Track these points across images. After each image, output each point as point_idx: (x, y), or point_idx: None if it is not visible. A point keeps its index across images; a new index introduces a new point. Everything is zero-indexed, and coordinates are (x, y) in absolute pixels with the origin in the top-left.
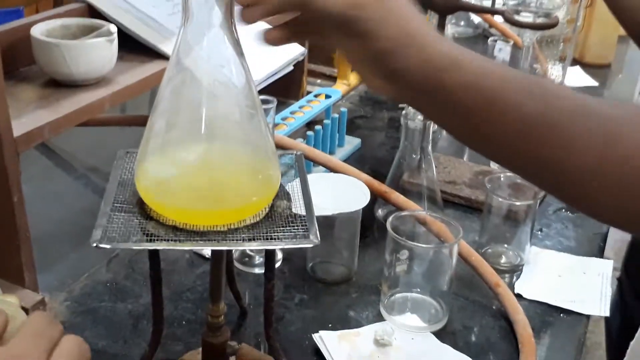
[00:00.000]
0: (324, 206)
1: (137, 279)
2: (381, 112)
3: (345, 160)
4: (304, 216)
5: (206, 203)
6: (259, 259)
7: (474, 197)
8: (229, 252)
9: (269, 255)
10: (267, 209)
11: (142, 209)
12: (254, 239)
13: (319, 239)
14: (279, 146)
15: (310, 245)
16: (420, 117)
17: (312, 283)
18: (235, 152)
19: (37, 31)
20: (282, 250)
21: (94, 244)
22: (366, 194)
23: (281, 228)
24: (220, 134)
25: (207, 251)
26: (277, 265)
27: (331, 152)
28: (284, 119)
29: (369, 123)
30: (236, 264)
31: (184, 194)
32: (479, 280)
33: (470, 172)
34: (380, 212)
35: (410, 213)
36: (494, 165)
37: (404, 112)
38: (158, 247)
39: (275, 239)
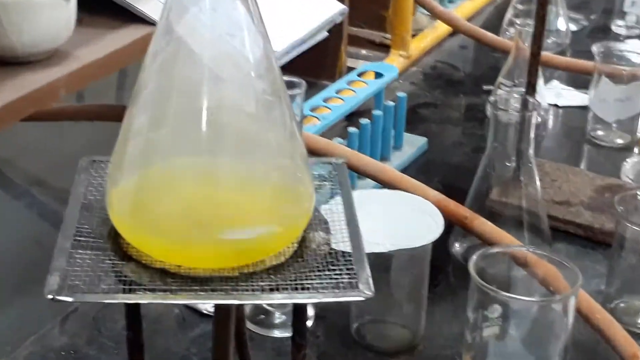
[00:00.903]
0: (375, 239)
1: (106, 344)
2: (457, 97)
3: (405, 170)
4: (349, 254)
5: (208, 237)
6: (281, 317)
7: (598, 226)
8: (240, 307)
9: (299, 312)
10: (296, 245)
11: (117, 245)
12: (276, 289)
13: (373, 289)
14: (310, 150)
15: (361, 299)
16: (516, 104)
17: (359, 352)
18: (250, 162)
19: None
20: (315, 305)
21: (50, 296)
22: (437, 220)
23: (316, 272)
24: (229, 134)
25: (207, 306)
26: (308, 325)
27: (384, 158)
28: (314, 109)
29: (440, 114)
30: (249, 323)
31: (177, 223)
32: (607, 350)
33: (591, 188)
34: (457, 248)
35: (502, 249)
36: (626, 177)
37: (491, 97)
38: (140, 301)
39: (307, 288)
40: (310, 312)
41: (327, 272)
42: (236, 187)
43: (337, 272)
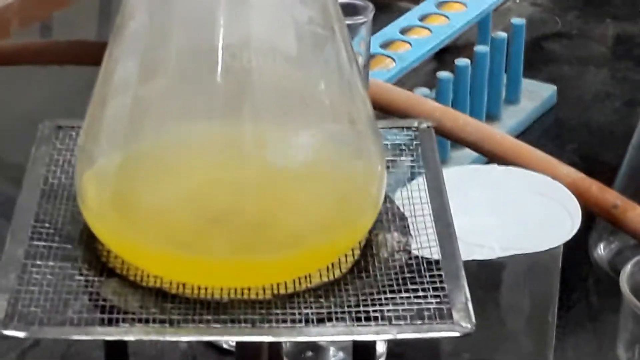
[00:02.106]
0: (479, 241)
1: None
2: (601, 23)
3: (524, 135)
4: (437, 266)
5: (228, 242)
6: (337, 355)
7: None
8: (275, 345)
9: (362, 352)
10: (358, 252)
11: (92, 253)
12: (328, 319)
13: (474, 319)
14: (380, 107)
15: (456, 335)
16: None
17: None
18: (289, 129)
19: None
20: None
21: None
22: (572, 211)
23: (388, 294)
24: (258, 87)
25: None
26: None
27: (492, 118)
28: (387, 45)
29: (576, 49)
30: None
31: (182, 222)
32: None
33: None
34: (602, 252)
35: None
36: None
37: None
38: (126, 337)
39: (375, 318)
40: (380, 348)
41: (404, 294)
42: (269, 168)
43: (420, 293)
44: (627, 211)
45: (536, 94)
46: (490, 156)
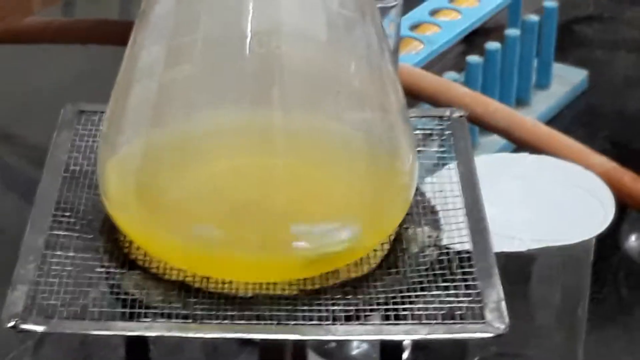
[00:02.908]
0: (509, 232)
1: None
2: (635, 5)
3: (554, 121)
4: (469, 262)
5: (254, 235)
6: (360, 347)
7: None
8: (300, 341)
9: (390, 350)
10: (387, 247)
11: (114, 244)
12: (356, 317)
13: (507, 320)
14: (409, 92)
15: (489, 335)
16: None
17: None
18: (318, 117)
19: None
20: None
21: (11, 324)
22: (605, 202)
23: (419, 291)
24: (288, 74)
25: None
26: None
27: (522, 103)
28: (417, 27)
29: (609, 33)
30: (314, 356)
31: (207, 213)
32: None
33: None
34: (635, 244)
35: None
36: None
37: None
38: (147, 333)
39: (404, 317)
40: (407, 341)
41: (435, 291)
42: (297, 158)
43: (452, 290)
44: None
45: (567, 79)
46: (521, 144)
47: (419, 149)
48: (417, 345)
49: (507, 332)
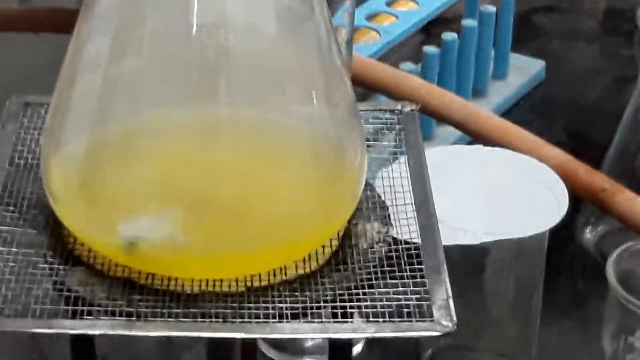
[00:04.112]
0: (463, 225)
1: None
2: None
3: (511, 112)
4: (418, 259)
5: (199, 231)
6: (315, 339)
7: None
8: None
9: (338, 349)
10: (336, 243)
11: (58, 240)
12: (303, 315)
13: (455, 318)
14: (364, 84)
15: (436, 334)
16: None
17: None
18: (265, 112)
19: None
20: None
21: None
22: (559, 194)
23: (366, 288)
24: (235, 68)
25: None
26: (356, 352)
27: (479, 94)
28: (373, 17)
29: (565, 24)
30: (267, 348)
31: (152, 210)
32: None
33: None
34: (589, 236)
35: None
36: None
37: None
38: (90, 331)
39: (351, 315)
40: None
41: (383, 289)
42: (243, 154)
43: (400, 288)
44: (615, 195)
45: (524, 70)
46: (476, 136)
47: (369, 143)
48: (370, 339)
49: (460, 324)
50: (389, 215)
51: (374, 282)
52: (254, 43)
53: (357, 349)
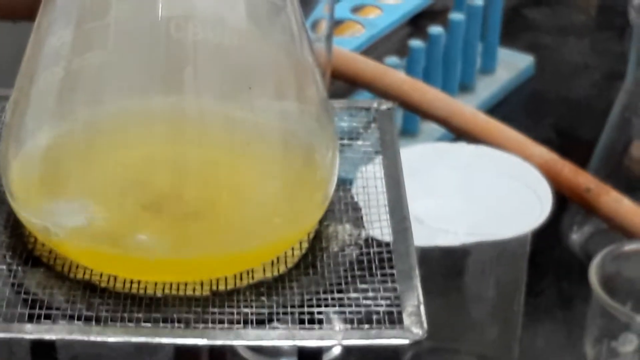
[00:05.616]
0: (443, 225)
1: None
2: None
3: (498, 109)
4: (389, 262)
5: (164, 233)
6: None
7: None
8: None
9: (307, 354)
10: (306, 245)
11: (18, 240)
12: (269, 320)
13: (425, 325)
14: (345, 78)
15: (405, 342)
16: None
17: None
18: (234, 109)
19: None
20: None
21: None
22: (543, 194)
23: (336, 293)
24: (204, 62)
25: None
26: (335, 354)
27: (466, 89)
28: (357, 9)
29: (555, 18)
30: (241, 350)
31: (115, 210)
32: None
33: None
34: (575, 237)
35: None
36: None
37: None
38: (47, 336)
39: (320, 321)
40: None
41: (353, 294)
42: (210, 152)
43: (370, 293)
44: (601, 195)
45: (513, 64)
46: (460, 133)
47: (342, 142)
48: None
49: (441, 326)
50: (361, 217)
51: (343, 286)
52: (223, 37)
53: (335, 350)
